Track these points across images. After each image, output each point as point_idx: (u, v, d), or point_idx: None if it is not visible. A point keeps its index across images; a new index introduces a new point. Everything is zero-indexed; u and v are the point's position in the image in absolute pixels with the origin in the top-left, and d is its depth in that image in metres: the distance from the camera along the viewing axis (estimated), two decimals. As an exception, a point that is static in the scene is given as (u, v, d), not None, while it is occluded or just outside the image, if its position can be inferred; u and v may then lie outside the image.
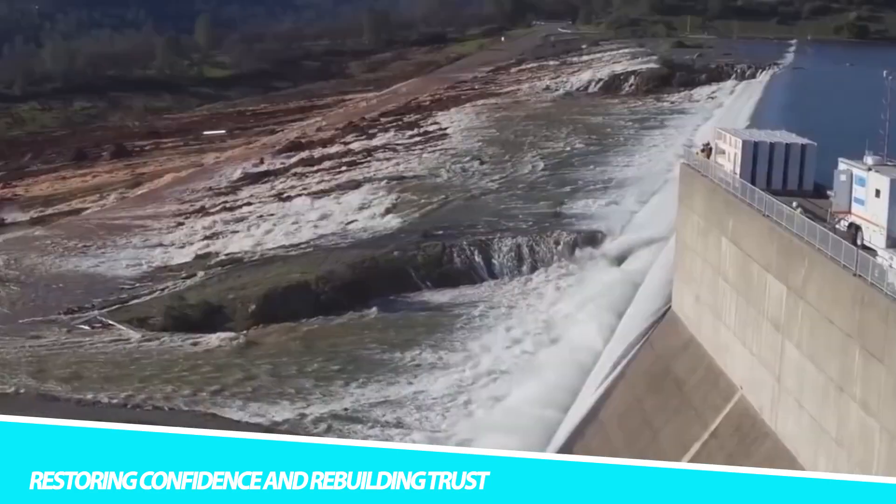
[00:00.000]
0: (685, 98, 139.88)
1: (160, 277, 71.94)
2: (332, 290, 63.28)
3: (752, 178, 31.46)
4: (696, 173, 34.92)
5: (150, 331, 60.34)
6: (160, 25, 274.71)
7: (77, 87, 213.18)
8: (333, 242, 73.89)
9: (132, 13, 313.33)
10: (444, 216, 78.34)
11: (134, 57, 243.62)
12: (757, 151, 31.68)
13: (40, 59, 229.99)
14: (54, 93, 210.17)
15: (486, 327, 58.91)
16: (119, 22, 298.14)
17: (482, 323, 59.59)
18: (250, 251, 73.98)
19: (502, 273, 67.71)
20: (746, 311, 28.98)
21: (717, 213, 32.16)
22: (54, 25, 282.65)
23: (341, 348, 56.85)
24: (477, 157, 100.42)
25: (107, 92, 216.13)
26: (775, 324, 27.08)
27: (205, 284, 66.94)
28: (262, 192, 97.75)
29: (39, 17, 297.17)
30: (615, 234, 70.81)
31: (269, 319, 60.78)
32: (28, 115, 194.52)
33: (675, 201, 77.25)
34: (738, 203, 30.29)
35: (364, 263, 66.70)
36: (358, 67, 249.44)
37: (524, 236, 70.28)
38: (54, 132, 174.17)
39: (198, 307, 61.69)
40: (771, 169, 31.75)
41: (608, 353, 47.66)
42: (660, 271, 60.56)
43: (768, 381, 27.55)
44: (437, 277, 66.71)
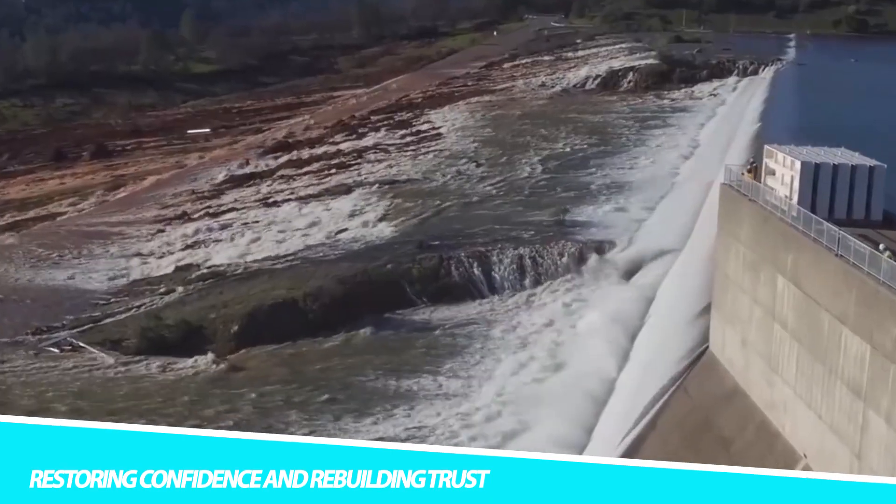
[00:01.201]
0: (686, 95, 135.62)
1: (137, 292, 67.22)
2: (321, 308, 58.63)
3: (812, 205, 26.94)
4: (742, 197, 30.27)
5: (124, 354, 55.66)
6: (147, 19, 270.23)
7: (60, 82, 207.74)
8: (322, 254, 69.17)
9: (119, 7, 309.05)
10: (440, 224, 73.70)
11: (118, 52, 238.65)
12: (818, 174, 27.09)
13: (22, 53, 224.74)
14: (36, 89, 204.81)
15: (488, 349, 54.41)
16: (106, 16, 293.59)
17: (484, 344, 55.08)
18: (234, 263, 69.20)
19: (503, 287, 63.19)
20: (812, 367, 24.43)
21: (770, 245, 27.55)
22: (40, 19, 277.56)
23: (331, 374, 52.23)
24: (473, 160, 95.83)
25: (90, 88, 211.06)
26: (854, 388, 22.61)
27: (184, 301, 62.20)
28: (247, 196, 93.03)
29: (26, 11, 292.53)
30: (623, 244, 66.37)
31: (252, 341, 56.19)
32: (9, 112, 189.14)
33: (684, 208, 73.67)
34: (800, 236, 25.67)
35: (356, 278, 62.00)
36: (347, 62, 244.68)
37: (526, 247, 65.79)
38: (35, 130, 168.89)
39: (176, 328, 56.98)
40: (834, 194, 27.17)
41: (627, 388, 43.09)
42: (673, 288, 56.52)
43: (844, 455, 23.09)
44: (434, 292, 62.13)
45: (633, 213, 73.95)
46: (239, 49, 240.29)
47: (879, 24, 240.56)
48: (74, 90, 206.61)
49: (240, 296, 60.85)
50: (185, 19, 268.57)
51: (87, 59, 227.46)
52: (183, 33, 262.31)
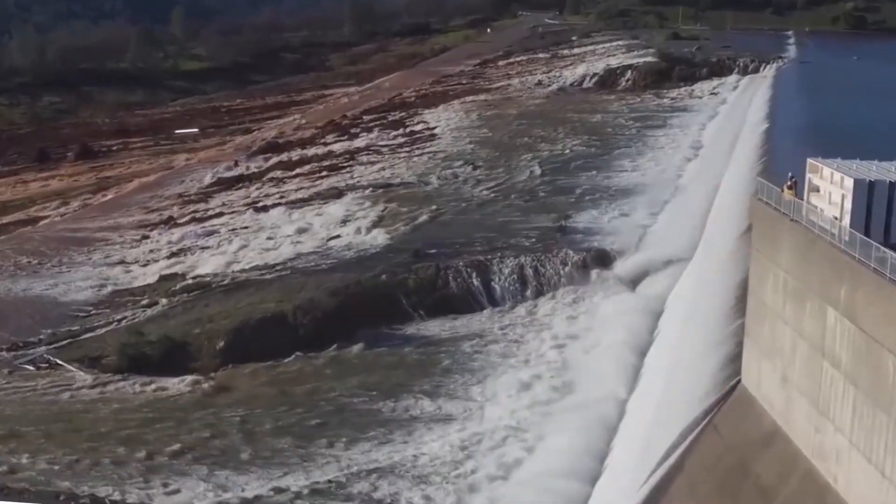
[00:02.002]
0: (686, 94, 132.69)
1: (119, 304, 63.94)
2: (313, 322, 55.41)
3: (866, 228, 23.82)
4: (782, 216, 27.07)
5: (103, 372, 52.34)
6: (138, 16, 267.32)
7: (47, 80, 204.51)
8: (313, 263, 65.92)
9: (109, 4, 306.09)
10: (436, 231, 70.56)
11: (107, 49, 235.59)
12: (872, 192, 23.94)
13: (9, 51, 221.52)
14: (23, 87, 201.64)
15: (489, 366, 51.26)
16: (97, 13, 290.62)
17: (484, 361, 51.94)
18: (220, 273, 65.93)
19: (504, 298, 60.09)
20: (873, 416, 21.32)
21: (818, 272, 24.40)
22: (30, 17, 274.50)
23: (323, 395, 49.03)
24: (469, 162, 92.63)
25: (78, 86, 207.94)
26: (928, 445, 19.58)
27: (167, 315, 58.94)
28: (235, 199, 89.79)
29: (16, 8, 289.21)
30: (629, 252, 63.33)
31: (239, 358, 52.91)
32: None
33: (691, 213, 70.63)
34: (855, 264, 22.53)
35: (348, 289, 58.80)
36: (338, 60, 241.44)
37: (527, 255, 62.74)
38: (20, 129, 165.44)
39: (158, 344, 53.68)
40: (890, 216, 24.03)
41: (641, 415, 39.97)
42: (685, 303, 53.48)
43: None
44: (431, 305, 58.98)
45: (638, 219, 71.08)
46: (230, 46, 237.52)
47: (878, 21, 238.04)
48: (62, 88, 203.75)
49: (226, 309, 57.61)
50: (176, 16, 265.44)
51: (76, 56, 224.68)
52: (173, 30, 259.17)
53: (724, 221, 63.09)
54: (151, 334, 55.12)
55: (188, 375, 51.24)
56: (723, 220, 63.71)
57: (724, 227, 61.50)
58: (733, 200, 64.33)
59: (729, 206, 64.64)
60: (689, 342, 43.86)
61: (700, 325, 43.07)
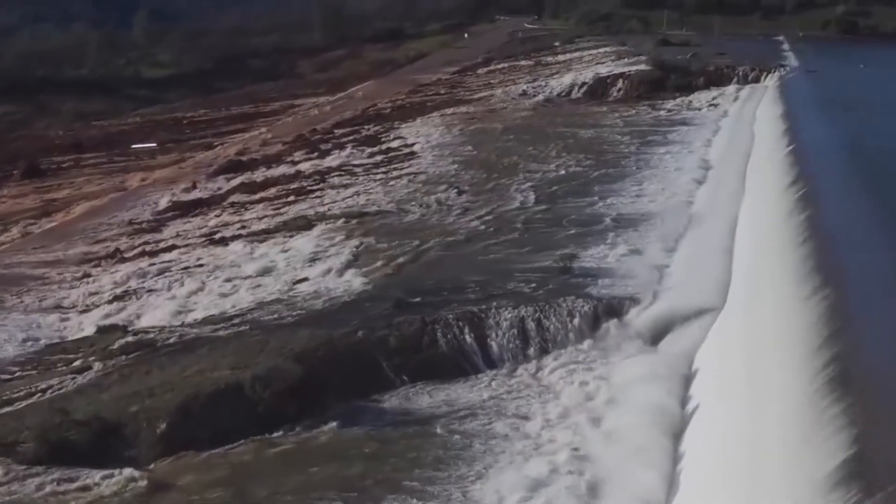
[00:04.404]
0: (684, 105, 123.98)
1: (48, 364, 54.07)
2: (274, 396, 45.38)
3: None
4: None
5: (18, 463, 42.45)
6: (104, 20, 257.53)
7: (3, 88, 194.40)
8: (276, 315, 56.16)
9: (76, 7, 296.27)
10: (420, 273, 60.98)
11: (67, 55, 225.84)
12: None
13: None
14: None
15: (489, 453, 41.71)
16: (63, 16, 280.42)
17: (485, 448, 42.33)
18: (167, 327, 56.18)
19: (502, 359, 50.61)
20: None
21: None
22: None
23: (286, 498, 39.37)
24: (454, 186, 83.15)
25: (36, 94, 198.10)
26: None
27: (100, 385, 48.99)
28: (190, 229, 79.97)
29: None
30: (646, 300, 53.88)
31: (184, 444, 43.11)
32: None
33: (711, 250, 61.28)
34: None
35: (317, 352, 49.15)
36: (308, 66, 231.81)
37: (528, 305, 53.17)
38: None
39: (86, 426, 43.75)
40: None
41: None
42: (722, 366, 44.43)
43: None
44: (417, 367, 49.43)
45: (652, 257, 61.70)
46: (194, 52, 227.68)
47: (870, 26, 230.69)
48: (19, 96, 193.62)
49: (170, 379, 47.71)
50: (139, 20, 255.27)
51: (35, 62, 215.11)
52: (135, 35, 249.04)
53: (751, 259, 54.56)
54: (79, 412, 45.21)
55: (120, 469, 41.63)
56: (749, 257, 55.29)
57: (752, 267, 52.95)
58: (761, 234, 56.08)
59: (757, 239, 56.37)
60: (743, 428, 34.19)
61: (747, 397, 33.60)
